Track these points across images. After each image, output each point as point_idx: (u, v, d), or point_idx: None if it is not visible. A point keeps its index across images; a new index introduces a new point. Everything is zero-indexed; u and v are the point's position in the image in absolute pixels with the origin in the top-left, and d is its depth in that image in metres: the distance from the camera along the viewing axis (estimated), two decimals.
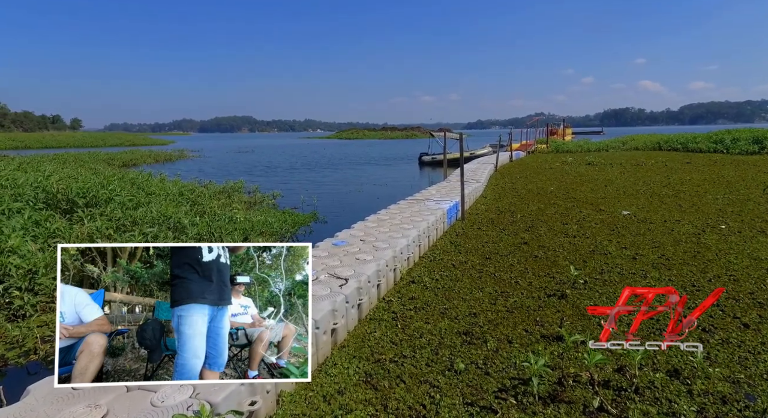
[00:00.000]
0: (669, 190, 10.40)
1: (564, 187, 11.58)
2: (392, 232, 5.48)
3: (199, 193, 9.70)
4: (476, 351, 3.16)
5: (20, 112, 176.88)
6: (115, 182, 8.09)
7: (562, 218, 7.72)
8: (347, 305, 3.46)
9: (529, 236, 6.46)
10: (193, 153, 35.35)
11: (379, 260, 4.29)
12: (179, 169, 21.72)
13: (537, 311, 3.83)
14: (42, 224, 5.08)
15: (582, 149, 27.36)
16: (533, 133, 34.21)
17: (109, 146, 50.31)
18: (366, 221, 6.21)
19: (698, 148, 23.78)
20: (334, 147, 52.16)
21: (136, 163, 23.60)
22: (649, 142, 28.64)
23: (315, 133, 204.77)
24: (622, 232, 6.59)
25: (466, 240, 6.35)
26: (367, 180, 17.64)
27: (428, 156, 22.42)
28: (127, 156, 24.96)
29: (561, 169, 16.45)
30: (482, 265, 5.19)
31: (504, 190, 11.35)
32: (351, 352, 3.19)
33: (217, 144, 68.73)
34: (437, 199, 7.94)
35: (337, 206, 11.35)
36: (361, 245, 4.91)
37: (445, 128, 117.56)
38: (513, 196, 10.18)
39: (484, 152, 22.67)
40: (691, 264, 4.99)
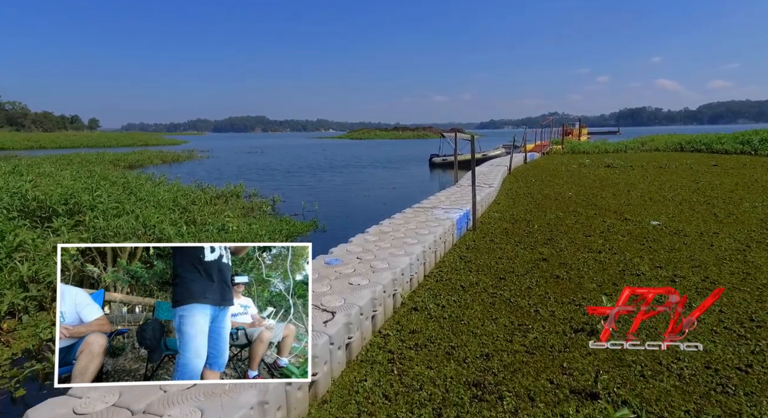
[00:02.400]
0: (699, 197, 9.57)
1: (583, 192, 10.82)
2: (394, 248, 4.87)
3: (195, 198, 9.21)
4: (489, 413, 2.52)
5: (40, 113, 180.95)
6: (104, 187, 7.61)
7: (583, 228, 7.01)
8: (332, 347, 2.86)
9: (548, 251, 5.78)
10: (203, 153, 35.00)
11: (376, 286, 3.68)
12: (185, 171, 21.42)
13: (563, 353, 3.18)
14: (6, 237, 4.58)
15: (599, 150, 26.34)
16: (548, 134, 33.22)
17: (122, 146, 50.61)
18: (366, 234, 5.60)
19: (723, 150, 22.63)
20: (344, 147, 51.60)
21: (143, 164, 23.31)
22: (670, 142, 27.48)
23: (327, 133, 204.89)
24: (654, 246, 5.87)
25: (477, 255, 5.70)
26: (374, 184, 16.94)
27: (439, 157, 21.65)
28: (135, 157, 24.66)
29: (578, 171, 15.63)
30: (496, 287, 4.54)
31: (518, 195, 10.63)
32: (333, 411, 2.58)
33: (228, 144, 68.82)
34: (446, 208, 7.29)
35: (340, 213, 10.73)
36: (356, 264, 4.30)
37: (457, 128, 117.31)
38: (528, 203, 9.47)
39: (497, 153, 21.83)
40: (743, 290, 4.27)
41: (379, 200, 12.68)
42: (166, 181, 11.76)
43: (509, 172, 15.35)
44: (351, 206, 11.81)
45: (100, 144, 52.27)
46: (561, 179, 13.43)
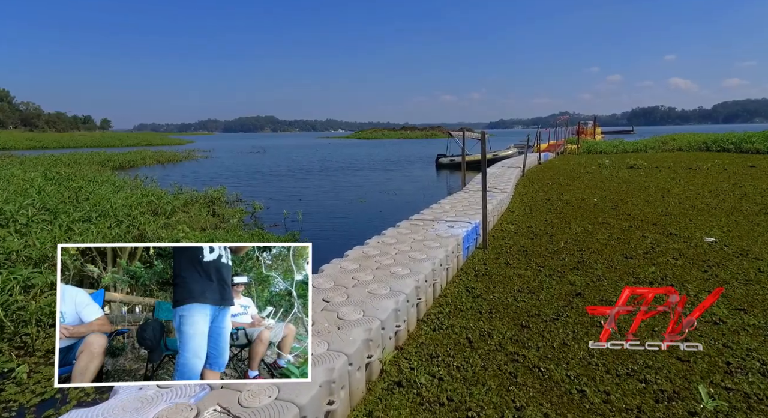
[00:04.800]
0: (752, 205, 8.13)
1: (610, 197, 9.43)
2: (377, 282, 3.59)
3: (163, 204, 8.01)
4: None
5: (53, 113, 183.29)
6: (49, 192, 6.46)
7: (621, 246, 5.66)
8: None
9: (581, 281, 4.45)
10: (203, 153, 33.97)
11: (338, 358, 2.41)
12: (177, 172, 20.33)
13: None
14: None
15: (617, 150, 24.75)
16: (562, 133, 31.66)
17: (126, 146, 50.07)
18: (344, 259, 4.33)
19: (755, 149, 20.93)
20: (350, 147, 50.29)
21: (136, 164, 22.22)
22: (693, 142, 25.75)
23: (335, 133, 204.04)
24: (721, 275, 4.51)
25: (489, 286, 4.40)
26: (373, 187, 15.52)
27: (446, 158, 20.23)
28: (127, 157, 23.49)
29: (599, 173, 14.19)
30: (516, 342, 3.24)
31: (535, 201, 9.28)
32: None
33: (233, 144, 68.06)
34: (451, 220, 5.99)
35: (328, 223, 9.31)
36: (319, 315, 3.03)
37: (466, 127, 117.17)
38: (548, 211, 8.12)
39: (509, 153, 20.33)
40: None
41: (376, 207, 11.35)
42: (142, 184, 10.61)
43: (523, 173, 13.98)
44: (343, 214, 10.47)
45: (104, 144, 51.82)
46: (581, 182, 12.02)
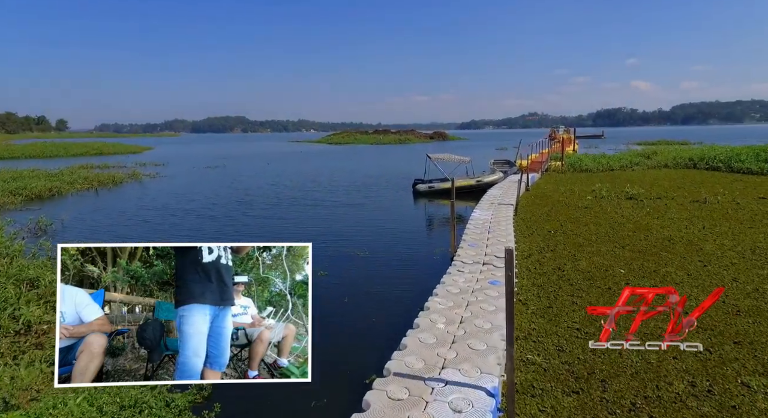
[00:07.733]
0: None
1: (636, 261, 7.51)
2: None
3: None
4: None
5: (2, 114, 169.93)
6: None
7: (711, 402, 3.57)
8: None
9: None
10: (152, 170, 29.23)
11: None
12: (104, 203, 17.22)
13: None
14: None
15: (602, 167, 23.24)
16: (545, 144, 30.24)
17: (70, 156, 45.59)
18: None
19: (746, 168, 19.85)
20: (316, 158, 45.40)
21: (61, 191, 18.14)
22: (678, 157, 24.71)
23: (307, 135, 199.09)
24: None
25: None
26: (328, 238, 11.08)
27: (424, 185, 17.92)
28: (53, 180, 19.62)
29: (599, 208, 12.37)
30: None
31: (545, 275, 7.18)
32: None
33: (198, 151, 63.63)
34: (453, 377, 3.75)
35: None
36: None
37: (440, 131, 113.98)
38: (567, 299, 6.04)
39: (494, 179, 18.16)
40: None
41: (327, 299, 6.87)
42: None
43: (515, 212, 11.95)
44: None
45: (45, 154, 46.92)
46: (588, 229, 10.06)
